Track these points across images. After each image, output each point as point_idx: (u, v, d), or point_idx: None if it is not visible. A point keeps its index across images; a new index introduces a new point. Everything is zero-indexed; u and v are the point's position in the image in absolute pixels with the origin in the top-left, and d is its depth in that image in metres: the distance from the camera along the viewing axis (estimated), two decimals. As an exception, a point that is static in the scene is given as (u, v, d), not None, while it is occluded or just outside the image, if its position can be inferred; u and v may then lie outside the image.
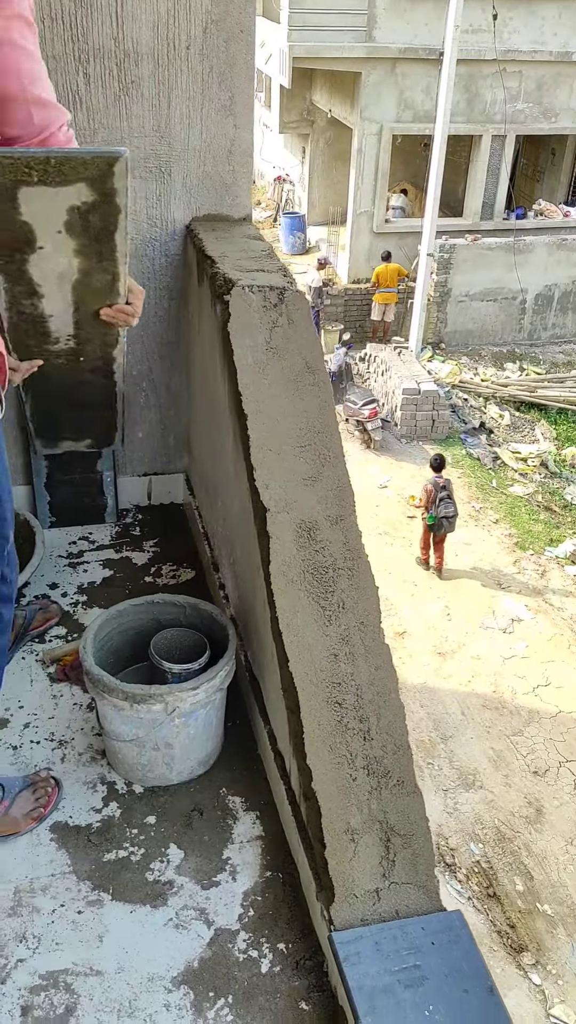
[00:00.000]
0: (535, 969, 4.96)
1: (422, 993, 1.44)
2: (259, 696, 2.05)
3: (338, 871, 1.57)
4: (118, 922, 1.68)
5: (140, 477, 2.94)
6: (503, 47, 12.78)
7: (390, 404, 11.06)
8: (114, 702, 1.83)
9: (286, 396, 1.96)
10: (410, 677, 6.81)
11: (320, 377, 2.02)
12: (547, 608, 7.95)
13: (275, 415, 1.94)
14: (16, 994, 1.56)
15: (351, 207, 14.06)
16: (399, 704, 1.73)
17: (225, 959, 1.62)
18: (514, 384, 12.16)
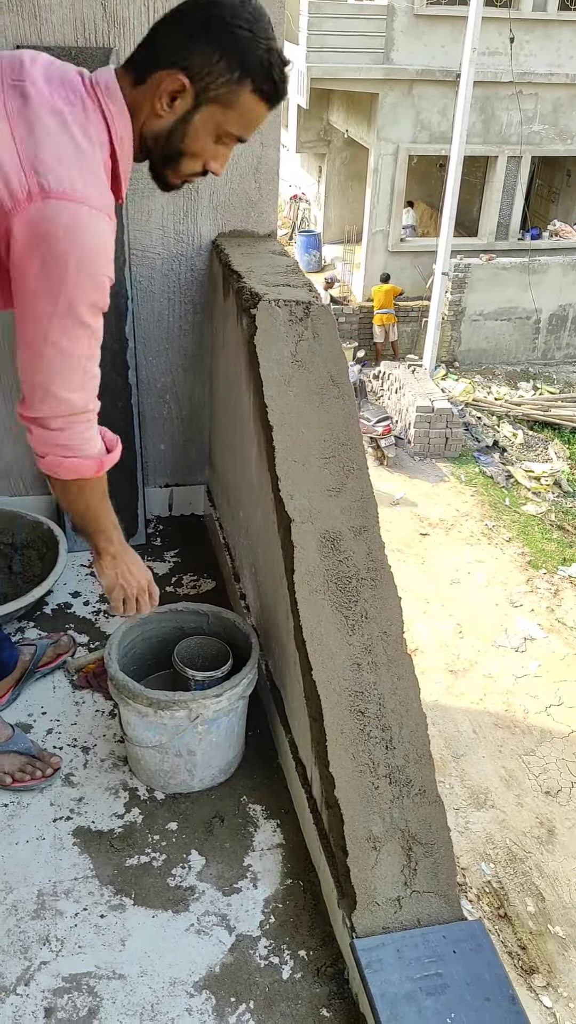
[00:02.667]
0: (546, 991, 4.92)
1: (444, 1001, 1.44)
2: (280, 705, 2.07)
3: (360, 879, 1.58)
4: (140, 926, 1.69)
5: (162, 488, 2.97)
6: (520, 69, 12.90)
7: (404, 421, 11.10)
8: (138, 708, 1.85)
9: (311, 408, 1.99)
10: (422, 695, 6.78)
11: (344, 390, 2.04)
12: (560, 627, 7.94)
13: (300, 427, 1.96)
14: (40, 996, 1.57)
15: (367, 226, 14.18)
16: (421, 714, 1.75)
17: (246, 965, 1.63)
18: (528, 403, 12.18)
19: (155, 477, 2.95)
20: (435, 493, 10.11)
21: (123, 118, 1.36)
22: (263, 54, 1.33)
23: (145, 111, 1.36)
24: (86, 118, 1.32)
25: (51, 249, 1.25)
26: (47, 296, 1.28)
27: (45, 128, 1.27)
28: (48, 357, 1.33)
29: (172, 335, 2.75)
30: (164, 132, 1.38)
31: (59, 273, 1.27)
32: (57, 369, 1.35)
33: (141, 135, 1.39)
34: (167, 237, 2.58)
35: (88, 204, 1.27)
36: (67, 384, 1.37)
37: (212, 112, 1.35)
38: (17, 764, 1.95)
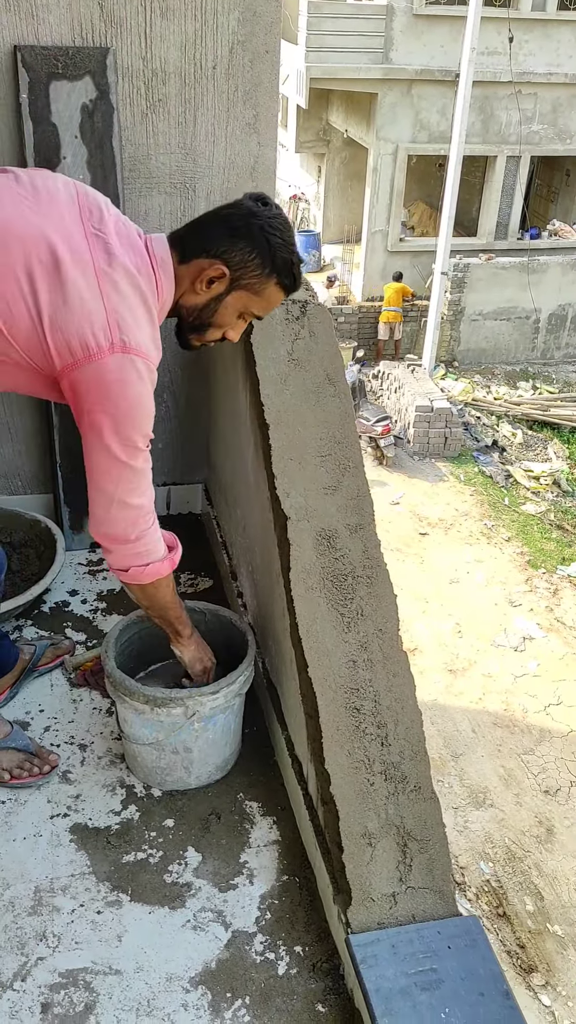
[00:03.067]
0: (545, 990, 4.93)
1: (439, 996, 1.45)
2: (276, 703, 2.08)
3: (355, 875, 1.59)
4: (136, 922, 1.70)
5: (159, 487, 2.97)
6: (519, 69, 12.92)
7: (403, 421, 11.11)
8: (135, 705, 1.86)
9: (307, 407, 2.00)
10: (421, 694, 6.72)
11: (341, 388, 2.05)
12: (559, 627, 7.94)
13: (296, 425, 1.97)
14: (36, 991, 1.58)
15: (366, 226, 14.19)
16: (416, 710, 1.75)
17: (242, 961, 1.64)
18: (527, 403, 12.19)
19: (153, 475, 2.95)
20: (434, 493, 10.12)
21: (170, 287, 1.64)
22: (288, 256, 1.63)
23: (184, 286, 1.64)
24: (148, 284, 1.58)
25: (119, 393, 1.52)
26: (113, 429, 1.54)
27: (124, 291, 1.53)
28: (123, 476, 1.59)
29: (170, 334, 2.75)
30: (198, 307, 1.66)
31: (122, 412, 1.53)
32: (131, 484, 1.61)
33: (177, 304, 1.67)
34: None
35: (150, 359, 1.57)
36: (139, 494, 1.64)
37: (241, 296, 1.65)
38: (15, 761, 1.96)
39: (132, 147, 2.43)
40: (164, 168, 2.49)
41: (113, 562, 1.72)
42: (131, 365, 1.51)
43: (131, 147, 2.43)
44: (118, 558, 1.70)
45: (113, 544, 1.68)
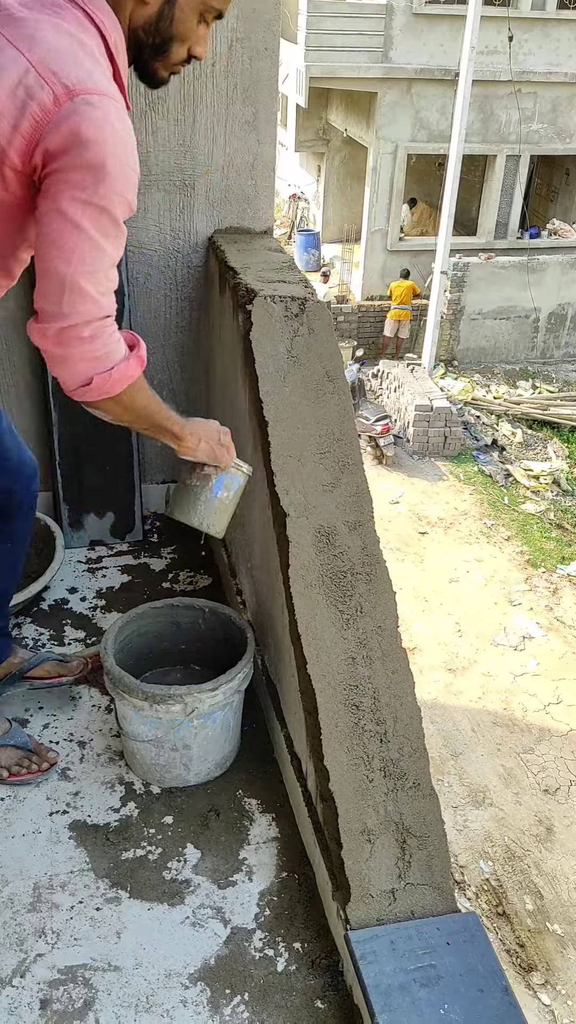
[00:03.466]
0: (544, 989, 4.93)
1: (437, 992, 1.45)
2: (276, 700, 2.08)
3: (354, 871, 1.59)
4: (136, 919, 1.70)
5: (159, 484, 2.98)
6: (518, 68, 12.91)
7: (402, 420, 11.11)
8: (134, 702, 1.86)
9: (306, 404, 1.99)
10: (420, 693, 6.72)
11: (340, 386, 2.05)
12: (559, 626, 7.94)
13: (295, 422, 1.97)
14: (35, 988, 1.58)
15: (365, 225, 14.19)
16: (416, 707, 1.75)
17: (241, 957, 1.64)
18: (527, 402, 12.19)
19: (152, 473, 2.95)
20: (434, 492, 10.12)
21: (112, 20, 1.37)
22: None
23: (129, 5, 1.38)
24: (80, 27, 1.33)
25: (86, 139, 1.25)
26: (82, 184, 1.27)
27: (47, 39, 1.28)
28: (80, 249, 1.30)
29: (169, 331, 2.76)
30: (153, 19, 1.40)
31: (96, 161, 1.26)
32: (88, 262, 1.32)
33: (131, 30, 1.40)
34: (163, 234, 2.59)
35: (111, 96, 1.29)
36: (95, 281, 1.34)
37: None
38: (14, 758, 1.95)
39: (131, 144, 2.43)
40: (163, 166, 2.49)
41: (69, 377, 1.41)
42: (88, 108, 1.25)
43: (130, 144, 2.43)
44: (73, 369, 1.40)
45: (63, 347, 1.37)
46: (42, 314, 1.36)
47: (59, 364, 1.40)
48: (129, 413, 1.54)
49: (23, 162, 1.28)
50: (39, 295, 1.35)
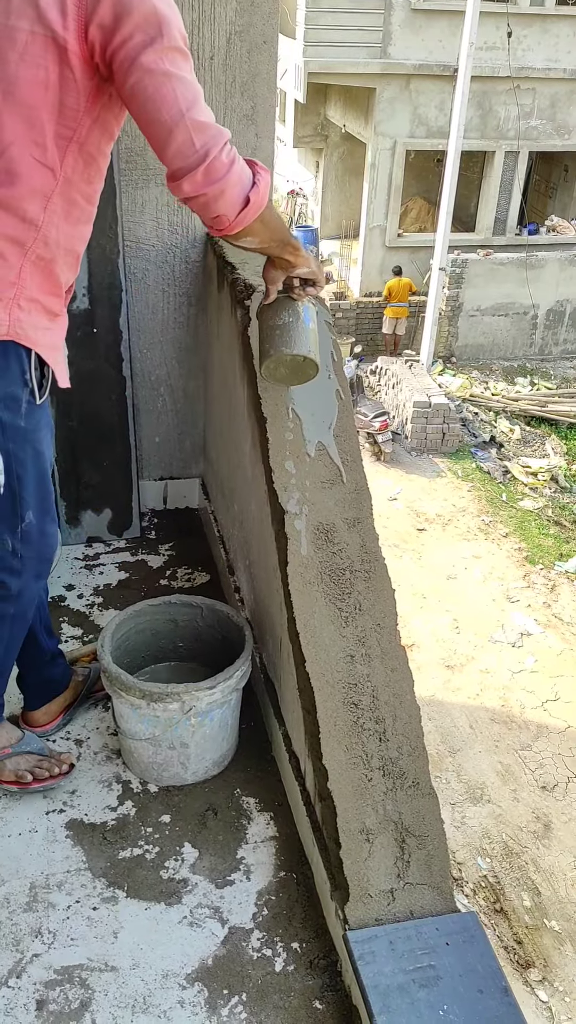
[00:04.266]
0: (542, 986, 4.93)
1: (436, 993, 1.44)
2: (274, 698, 2.06)
3: (353, 871, 1.58)
4: (133, 919, 1.69)
5: (156, 481, 2.97)
6: (517, 64, 12.88)
7: (401, 417, 11.09)
8: (131, 700, 1.85)
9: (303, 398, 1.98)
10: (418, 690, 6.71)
11: (339, 381, 2.03)
12: (557, 623, 7.94)
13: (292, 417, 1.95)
14: (31, 988, 1.56)
15: (364, 221, 14.16)
16: (415, 706, 1.74)
17: (239, 957, 1.63)
18: (525, 399, 12.18)
19: (150, 470, 2.94)
20: (432, 488, 10.11)
21: None
22: None
23: None
24: None
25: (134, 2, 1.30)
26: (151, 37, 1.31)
27: None
28: (179, 90, 1.34)
29: (167, 327, 2.74)
30: None
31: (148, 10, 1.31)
32: (191, 97, 1.35)
33: None
34: (161, 229, 2.57)
35: None
36: (205, 110, 1.38)
37: None
38: (32, 763, 1.92)
39: (128, 138, 2.41)
40: (161, 160, 2.47)
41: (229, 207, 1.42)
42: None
43: (127, 138, 2.41)
44: (230, 196, 1.41)
45: (217, 181, 1.39)
46: (182, 169, 1.38)
47: (217, 200, 1.41)
48: (270, 228, 1.54)
49: (81, 45, 1.32)
50: (170, 155, 1.38)
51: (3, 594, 1.69)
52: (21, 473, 1.55)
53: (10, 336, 1.44)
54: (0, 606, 1.71)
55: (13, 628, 1.78)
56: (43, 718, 2.07)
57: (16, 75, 1.32)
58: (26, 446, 1.54)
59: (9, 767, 1.90)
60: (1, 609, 1.72)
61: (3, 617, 1.73)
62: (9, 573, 1.66)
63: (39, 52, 1.31)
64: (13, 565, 1.65)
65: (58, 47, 1.31)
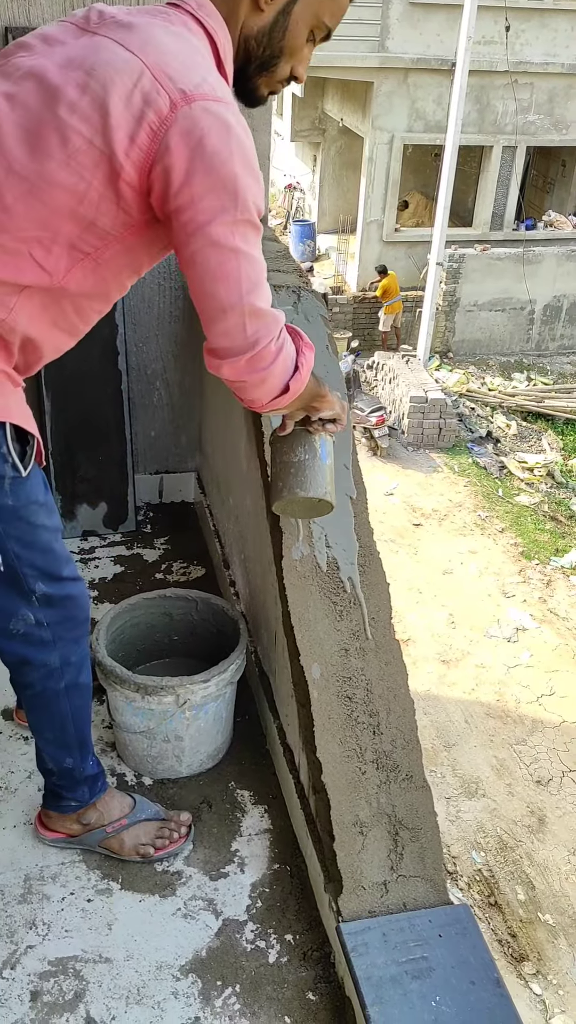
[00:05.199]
0: (536, 979, 4.95)
1: (429, 984, 1.45)
2: (269, 692, 2.07)
3: (346, 863, 1.59)
4: (127, 911, 1.69)
5: (152, 475, 2.97)
6: (515, 59, 12.86)
7: (397, 412, 11.10)
8: (126, 694, 1.85)
9: (300, 394, 1.98)
10: (414, 685, 6.77)
11: (334, 376, 2.03)
12: (552, 618, 7.96)
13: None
14: (26, 979, 1.57)
15: (361, 216, 14.14)
16: (409, 699, 1.75)
17: (233, 949, 1.63)
18: (521, 394, 12.19)
19: (145, 464, 2.94)
20: (428, 484, 10.12)
21: (223, 29, 1.32)
22: None
23: (243, 13, 1.33)
24: (190, 32, 1.28)
25: (212, 152, 1.18)
26: (223, 206, 1.20)
27: (161, 42, 1.22)
28: (243, 271, 1.24)
29: (163, 321, 2.74)
30: (267, 28, 1.34)
31: (227, 175, 1.19)
32: (255, 280, 1.26)
33: (243, 40, 1.35)
34: (157, 222, 2.57)
35: (228, 101, 1.22)
36: (265, 295, 1.28)
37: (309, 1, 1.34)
38: (152, 832, 1.79)
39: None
40: (157, 153, 2.46)
41: (266, 394, 1.35)
42: (205, 113, 1.17)
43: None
44: (271, 384, 1.34)
45: (260, 371, 1.30)
46: (226, 350, 1.29)
47: (256, 388, 1.34)
48: (305, 397, 1.47)
49: (140, 179, 1.20)
50: (218, 334, 1.28)
51: (45, 672, 1.55)
52: (17, 551, 1.42)
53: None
54: (49, 684, 1.57)
55: (72, 699, 1.62)
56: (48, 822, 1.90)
57: (52, 176, 1.19)
58: (17, 523, 1.41)
59: (128, 843, 1.76)
60: (52, 686, 1.58)
61: (56, 693, 1.59)
62: (41, 647, 1.53)
63: (88, 165, 1.19)
64: (43, 636, 1.52)
65: (112, 170, 1.19)
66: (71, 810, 1.74)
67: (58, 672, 1.57)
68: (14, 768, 1.98)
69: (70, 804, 1.74)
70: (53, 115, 1.19)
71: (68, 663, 1.57)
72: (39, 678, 1.57)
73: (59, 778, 1.71)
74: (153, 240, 1.31)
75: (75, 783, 1.71)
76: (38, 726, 1.66)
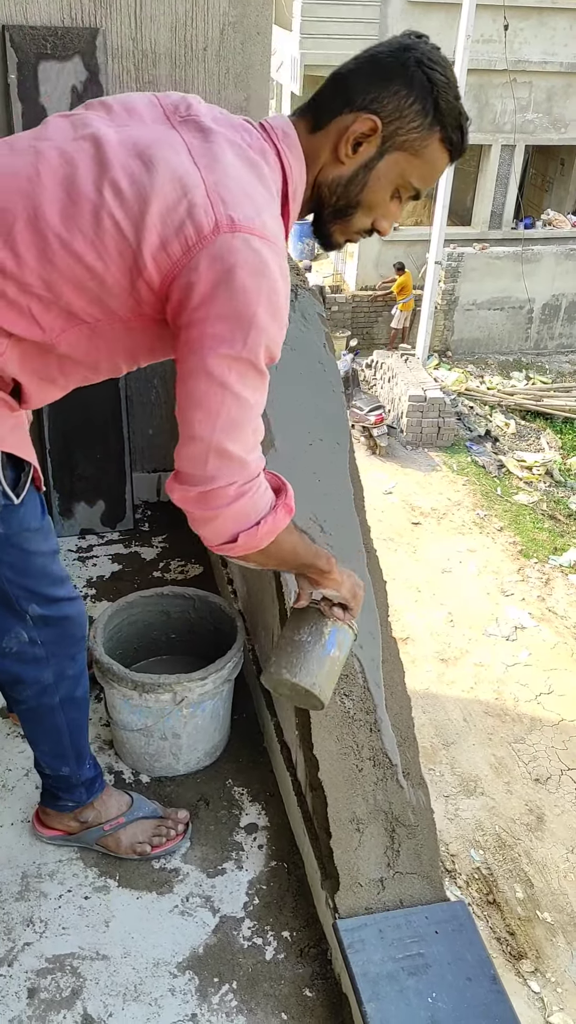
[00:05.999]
0: (534, 976, 4.96)
1: (425, 980, 1.45)
2: (266, 689, 2.07)
3: (343, 860, 1.59)
4: (124, 908, 1.69)
5: (149, 473, 2.97)
6: (514, 57, 12.86)
7: (396, 411, 11.10)
8: (123, 691, 1.85)
9: (298, 391, 1.98)
10: (412, 683, 6.80)
11: (331, 373, 2.04)
12: (550, 616, 7.96)
13: (287, 410, 1.96)
14: (23, 976, 1.57)
15: (360, 214, 14.08)
16: (406, 696, 1.75)
17: (230, 946, 1.64)
18: (520, 393, 12.19)
19: (143, 462, 2.94)
20: (427, 482, 10.12)
21: (300, 166, 1.29)
22: (455, 101, 1.28)
23: (323, 159, 1.29)
24: (265, 161, 1.25)
25: (240, 286, 1.14)
26: (231, 339, 1.16)
27: (229, 162, 1.19)
28: (225, 409, 1.19)
29: (160, 319, 2.74)
30: (344, 180, 1.29)
31: (247, 312, 1.15)
32: (234, 420, 1.21)
33: (316, 185, 1.31)
34: (155, 220, 2.57)
35: (274, 242, 1.18)
36: (244, 442, 1.23)
37: (397, 159, 1.28)
38: (149, 830, 1.79)
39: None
40: (154, 151, 2.47)
41: (212, 536, 1.29)
42: (248, 252, 1.14)
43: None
44: (218, 528, 1.27)
45: (207, 509, 1.24)
46: (183, 476, 1.25)
47: (201, 524, 1.28)
48: (274, 560, 1.40)
49: (162, 285, 1.18)
50: (181, 457, 1.25)
51: (39, 689, 1.55)
52: (10, 576, 1.41)
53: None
54: (43, 700, 1.57)
55: (68, 713, 1.61)
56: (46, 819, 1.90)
57: (73, 247, 1.17)
58: (10, 550, 1.39)
59: (125, 841, 1.77)
60: (46, 702, 1.58)
61: (51, 708, 1.59)
62: (35, 665, 1.52)
63: (112, 250, 1.17)
64: (36, 654, 1.51)
65: (135, 265, 1.17)
66: (68, 809, 1.75)
67: (52, 688, 1.56)
68: (11, 766, 1.98)
69: (67, 804, 1.75)
70: (96, 190, 1.16)
71: (64, 678, 1.57)
72: (32, 695, 1.57)
73: (55, 782, 1.72)
74: (158, 336, 1.28)
75: (72, 787, 1.72)
76: (33, 737, 1.67)
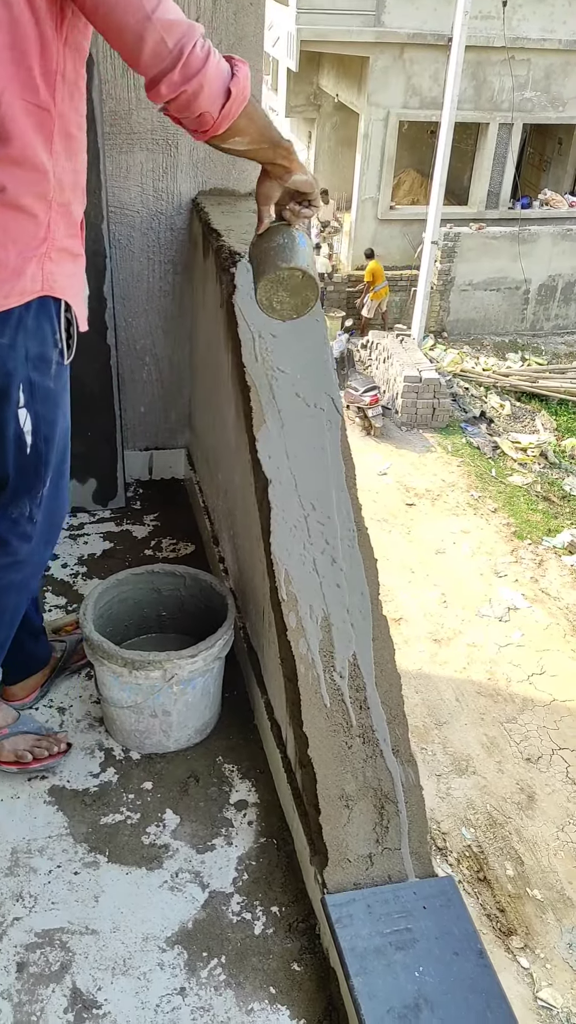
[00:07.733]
0: (524, 953, 5.01)
1: (413, 955, 1.46)
2: (256, 667, 2.07)
3: (332, 836, 1.59)
4: (114, 883, 1.70)
5: (141, 452, 2.95)
6: (512, 34, 12.72)
7: (391, 391, 11.06)
8: (113, 668, 1.85)
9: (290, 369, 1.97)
10: (406, 663, 6.83)
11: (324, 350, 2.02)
12: (543, 597, 7.98)
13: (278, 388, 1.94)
14: (12, 951, 1.58)
15: (356, 193, 14.03)
16: (396, 674, 1.75)
17: (219, 921, 1.64)
18: (515, 374, 12.16)
19: (134, 440, 2.92)
20: (422, 463, 10.11)
21: None
22: None
23: None
24: None
25: None
26: None
27: None
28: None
29: (152, 296, 2.71)
30: None
31: None
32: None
33: None
34: (146, 195, 2.54)
35: None
36: (170, 7, 1.30)
37: None
38: (30, 742, 1.90)
39: (113, 101, 2.38)
40: (146, 124, 2.44)
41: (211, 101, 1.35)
42: None
43: (112, 101, 2.38)
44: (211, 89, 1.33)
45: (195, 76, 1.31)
46: (157, 71, 1.31)
47: (197, 97, 1.34)
48: (257, 123, 1.45)
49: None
50: (147, 62, 1.31)
51: (11, 561, 1.66)
52: (48, 434, 1.55)
53: (44, 291, 1.44)
54: (8, 574, 1.67)
55: (19, 597, 1.74)
56: (20, 692, 2.06)
57: None
58: (54, 408, 1.54)
59: (7, 747, 1.87)
60: (8, 577, 1.68)
61: (9, 585, 1.70)
62: (21, 538, 1.64)
63: None
64: (27, 530, 1.64)
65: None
66: None
67: (20, 566, 1.68)
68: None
69: None
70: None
71: (30, 561, 1.69)
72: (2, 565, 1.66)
73: None
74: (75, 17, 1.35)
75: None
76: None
